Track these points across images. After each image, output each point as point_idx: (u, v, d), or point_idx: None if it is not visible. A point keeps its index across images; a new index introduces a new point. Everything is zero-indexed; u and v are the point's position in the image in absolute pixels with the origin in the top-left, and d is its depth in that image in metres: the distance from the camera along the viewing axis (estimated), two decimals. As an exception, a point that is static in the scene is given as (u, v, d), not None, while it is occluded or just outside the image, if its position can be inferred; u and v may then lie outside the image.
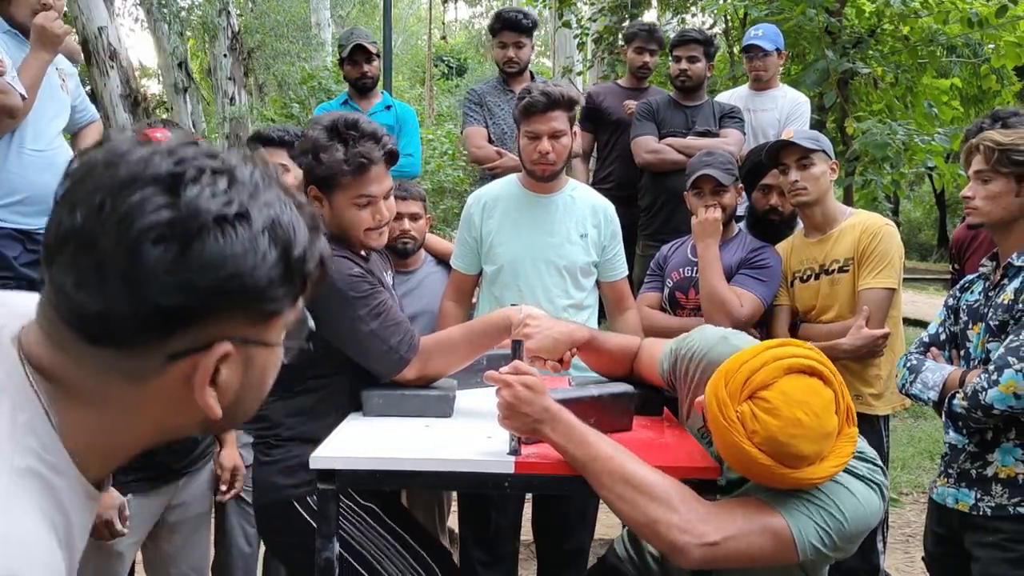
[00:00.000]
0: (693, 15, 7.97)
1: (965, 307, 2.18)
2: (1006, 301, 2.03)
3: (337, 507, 1.72)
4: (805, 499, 1.43)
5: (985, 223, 2.16)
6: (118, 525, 2.07)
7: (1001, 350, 1.96)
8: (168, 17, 8.62)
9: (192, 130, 7.85)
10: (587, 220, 2.62)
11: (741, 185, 2.84)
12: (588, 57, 8.68)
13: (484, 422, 1.81)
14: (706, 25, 8.07)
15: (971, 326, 2.14)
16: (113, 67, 7.16)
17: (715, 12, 6.95)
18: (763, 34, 4.06)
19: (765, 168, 2.87)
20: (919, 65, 6.13)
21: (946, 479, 2.15)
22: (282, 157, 2.84)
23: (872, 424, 2.58)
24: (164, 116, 9.63)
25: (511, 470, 1.61)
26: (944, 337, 2.24)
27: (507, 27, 3.97)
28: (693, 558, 1.41)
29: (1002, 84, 6.97)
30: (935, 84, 6.55)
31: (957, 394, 2.02)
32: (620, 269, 2.72)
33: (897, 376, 2.27)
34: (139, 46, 28.95)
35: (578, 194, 2.67)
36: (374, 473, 1.66)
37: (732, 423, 1.39)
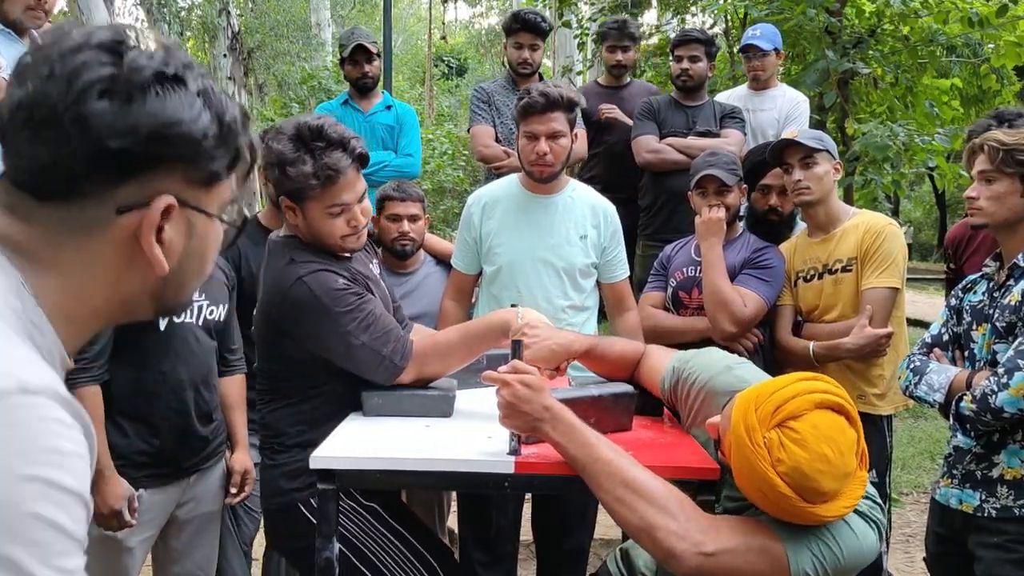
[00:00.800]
0: (693, 15, 7.97)
1: (968, 308, 2.17)
2: (1013, 302, 2.02)
3: (337, 507, 1.72)
4: (805, 528, 1.43)
5: (989, 224, 2.14)
6: (127, 515, 2.07)
7: (1010, 353, 1.95)
8: (168, 17, 8.62)
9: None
10: (587, 221, 2.61)
11: (745, 185, 2.83)
12: (588, 57, 8.68)
13: (484, 422, 1.81)
14: (706, 25, 8.06)
15: (975, 327, 2.13)
16: (112, 67, 7.16)
17: (715, 12, 6.94)
18: (761, 34, 4.04)
19: (765, 168, 2.86)
20: (919, 65, 6.12)
21: (950, 480, 2.14)
22: None
23: (875, 424, 2.57)
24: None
25: (511, 470, 1.61)
26: (947, 338, 2.23)
27: (525, 28, 3.90)
28: (688, 566, 1.40)
29: (1002, 84, 6.96)
30: (935, 84, 6.54)
31: (965, 397, 2.00)
32: (621, 270, 2.71)
33: (900, 378, 2.25)
34: (138, 46, 28.74)
35: (578, 195, 2.66)
36: (374, 473, 1.66)
37: (758, 448, 1.37)
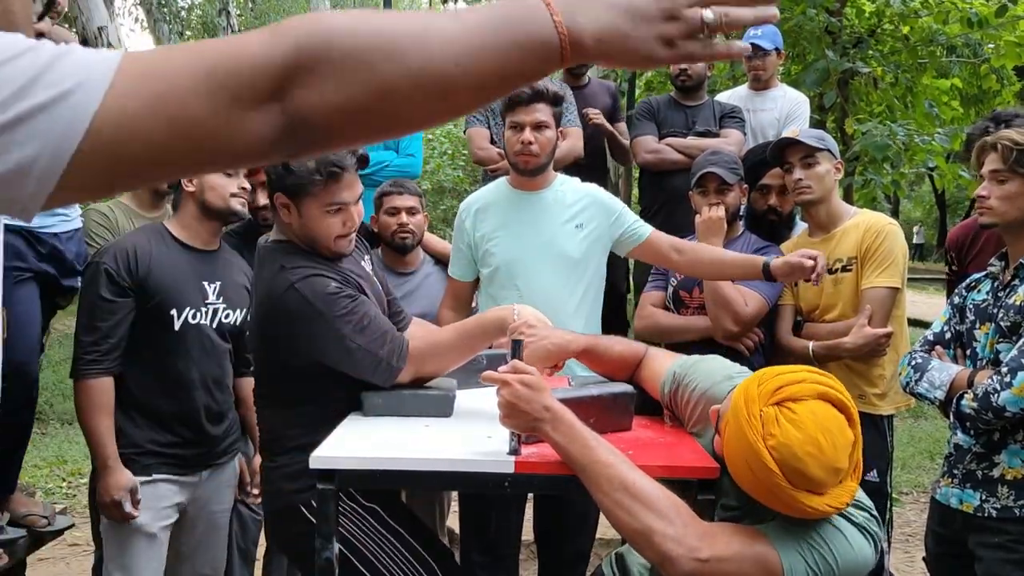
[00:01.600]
0: (693, 15, 7.97)
1: (972, 306, 2.16)
2: (1018, 302, 2.01)
3: (336, 507, 1.71)
4: (801, 537, 1.43)
5: (999, 223, 2.13)
6: (128, 506, 2.08)
7: (1014, 352, 1.95)
8: (168, 17, 8.62)
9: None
10: (581, 211, 2.60)
11: (746, 185, 2.83)
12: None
13: (484, 422, 1.80)
14: (706, 25, 8.05)
15: (979, 326, 2.12)
16: (112, 67, 7.15)
17: (715, 12, 6.93)
18: (762, 33, 4.03)
19: (764, 168, 2.86)
20: (919, 65, 6.12)
21: (950, 479, 2.13)
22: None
23: (876, 424, 2.57)
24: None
25: (511, 470, 1.61)
26: (949, 336, 2.23)
27: None
28: (683, 571, 1.40)
29: (1002, 84, 6.97)
30: (935, 84, 6.55)
31: (966, 395, 2.00)
32: (645, 228, 2.63)
33: (901, 375, 2.25)
34: (139, 46, 28.91)
35: (567, 187, 2.64)
36: (374, 473, 1.65)
37: (753, 419, 1.38)
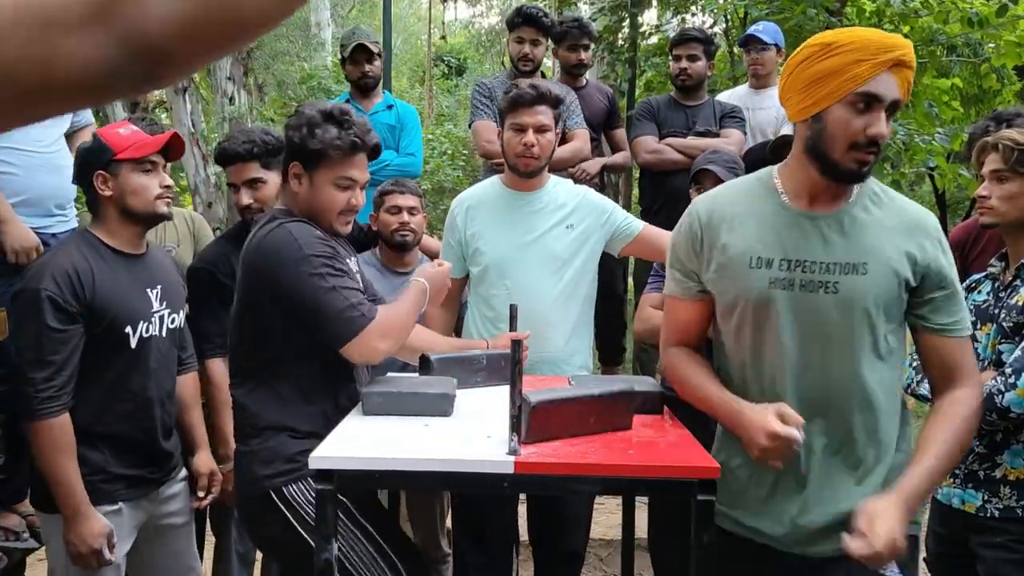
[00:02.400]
0: (693, 15, 7.95)
1: (972, 307, 2.16)
2: (1020, 303, 2.01)
3: (336, 507, 1.70)
4: None
5: (1000, 223, 2.12)
6: (107, 553, 2.04)
7: (1018, 353, 1.95)
8: (167, 17, 8.62)
9: (192, 130, 7.83)
10: (572, 212, 2.59)
11: None
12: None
13: (484, 422, 1.80)
14: (706, 25, 8.05)
15: (980, 327, 2.12)
16: (112, 67, 7.16)
17: (715, 11, 6.94)
18: (763, 28, 4.09)
19: (764, 166, 2.86)
20: (919, 65, 6.11)
21: (952, 480, 2.13)
22: (254, 171, 2.57)
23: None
24: (163, 116, 9.61)
25: (511, 470, 1.61)
26: None
27: (527, 22, 3.85)
28: None
29: (1002, 83, 6.97)
30: (935, 84, 6.54)
31: None
32: (636, 223, 2.66)
33: (903, 376, 2.25)
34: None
35: (560, 189, 2.64)
36: (373, 473, 1.65)
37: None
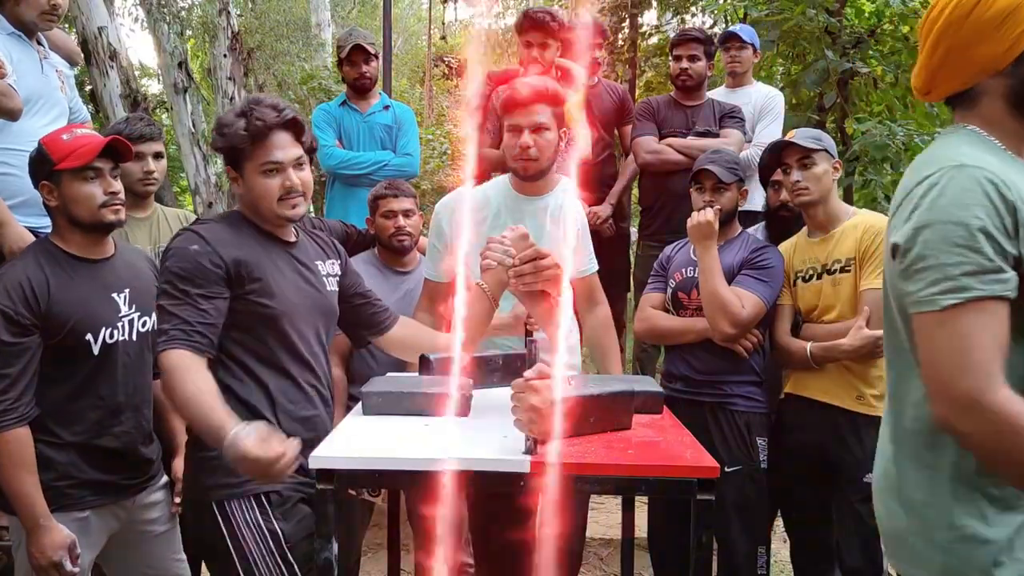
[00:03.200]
0: (693, 15, 7.96)
1: None
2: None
3: (335, 508, 1.67)
4: None
5: None
6: (68, 565, 2.01)
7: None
8: (168, 17, 8.61)
9: (192, 130, 7.84)
10: (576, 220, 2.49)
11: (746, 188, 2.84)
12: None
13: (501, 421, 1.78)
14: (706, 25, 8.06)
15: None
16: (113, 67, 7.14)
17: (715, 12, 6.95)
18: (741, 28, 4.18)
19: (764, 169, 2.88)
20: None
21: None
22: None
23: (875, 424, 2.56)
24: (164, 116, 9.61)
25: (527, 469, 1.59)
26: None
27: (534, 26, 3.80)
28: None
29: (1002, 84, 6.94)
30: (935, 84, 6.53)
31: None
32: (592, 263, 2.58)
33: None
34: (139, 46, 28.72)
35: (570, 197, 2.49)
36: (373, 473, 1.65)
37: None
